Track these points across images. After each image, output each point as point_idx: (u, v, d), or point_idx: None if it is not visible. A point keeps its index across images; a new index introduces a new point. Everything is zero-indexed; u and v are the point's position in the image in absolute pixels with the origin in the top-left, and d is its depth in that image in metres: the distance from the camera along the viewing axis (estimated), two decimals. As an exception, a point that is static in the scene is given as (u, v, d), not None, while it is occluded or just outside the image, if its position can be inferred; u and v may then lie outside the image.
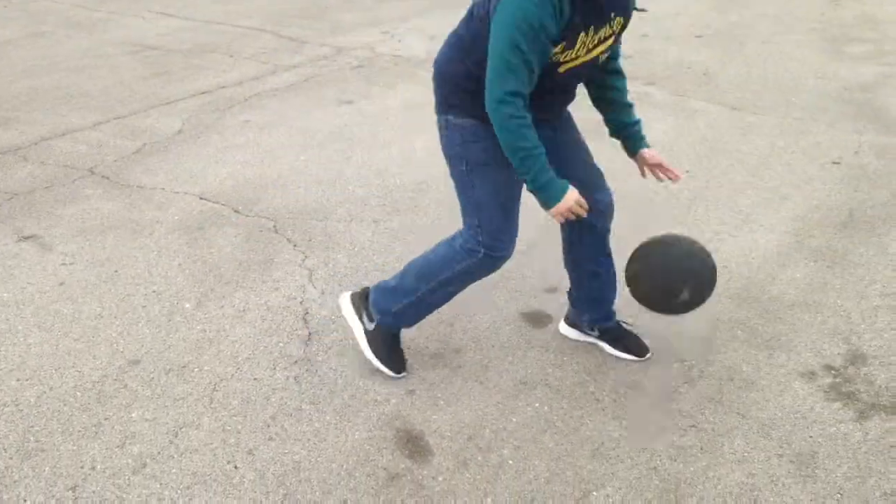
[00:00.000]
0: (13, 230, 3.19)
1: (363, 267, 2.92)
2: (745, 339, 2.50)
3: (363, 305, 2.32)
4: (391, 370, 2.31)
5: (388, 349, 2.31)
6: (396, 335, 2.33)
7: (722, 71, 5.30)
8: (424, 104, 4.71)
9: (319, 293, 2.75)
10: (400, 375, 2.31)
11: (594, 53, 1.90)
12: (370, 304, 2.30)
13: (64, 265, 2.94)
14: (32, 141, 4.13)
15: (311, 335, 2.52)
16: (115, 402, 2.22)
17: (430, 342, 2.48)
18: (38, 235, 3.16)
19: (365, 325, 2.31)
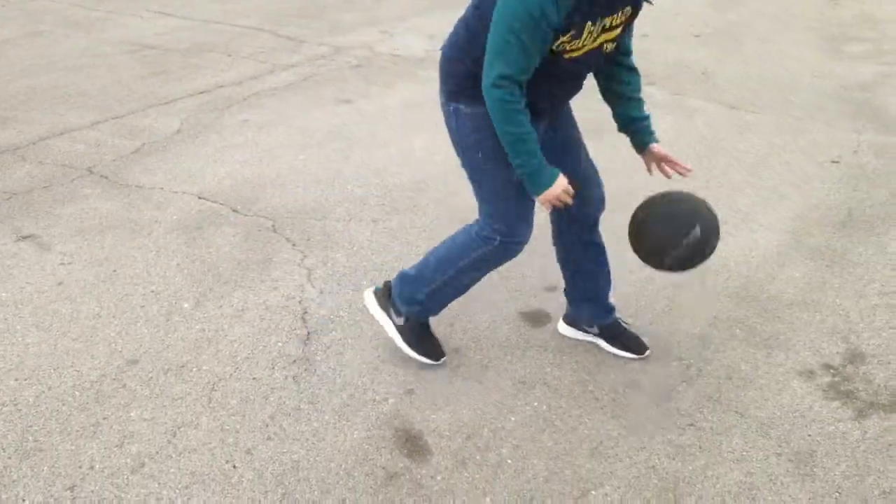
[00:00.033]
0: (11, 230, 3.19)
1: (362, 266, 2.92)
2: (743, 337, 2.50)
3: (388, 302, 2.35)
4: (429, 358, 2.34)
5: (421, 339, 2.35)
6: (426, 324, 2.36)
7: (720, 70, 5.31)
8: (423, 103, 4.75)
9: (318, 292, 2.75)
10: (439, 362, 2.34)
11: (599, 41, 1.90)
12: (395, 297, 2.32)
13: (62, 265, 2.93)
14: (30, 140, 4.12)
15: (309, 335, 2.52)
16: (113, 401, 2.22)
17: (428, 341, 2.48)
18: (36, 235, 3.15)
19: (394, 320, 2.34)
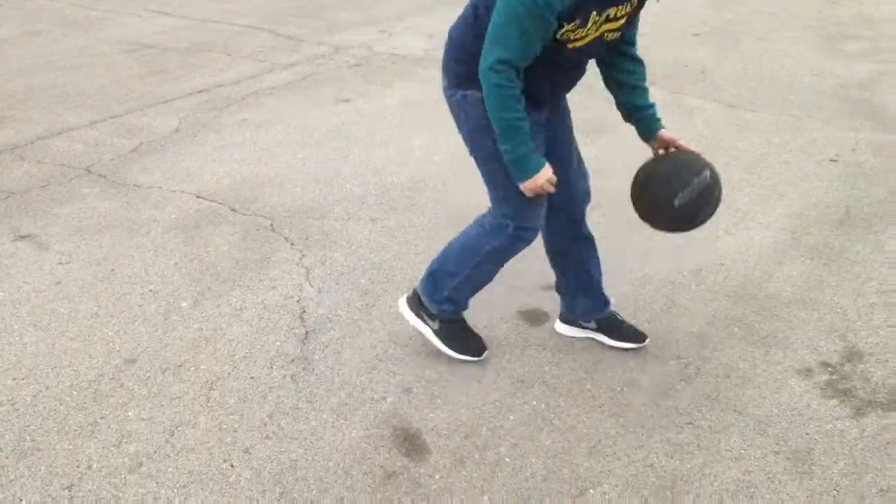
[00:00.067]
0: (9, 229, 3.19)
1: (360, 265, 2.92)
2: (741, 336, 2.50)
3: (420, 307, 2.37)
4: (473, 356, 2.35)
5: (459, 338, 2.36)
6: (460, 320, 2.37)
7: (719, 68, 5.30)
8: (422, 102, 4.75)
9: (316, 291, 2.75)
10: (482, 357, 2.35)
11: (603, 30, 1.90)
12: (424, 300, 2.34)
13: (60, 264, 2.93)
14: (29, 140, 4.12)
15: (308, 334, 2.52)
16: (111, 401, 2.22)
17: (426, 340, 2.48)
18: (34, 234, 3.15)
19: (430, 325, 2.36)
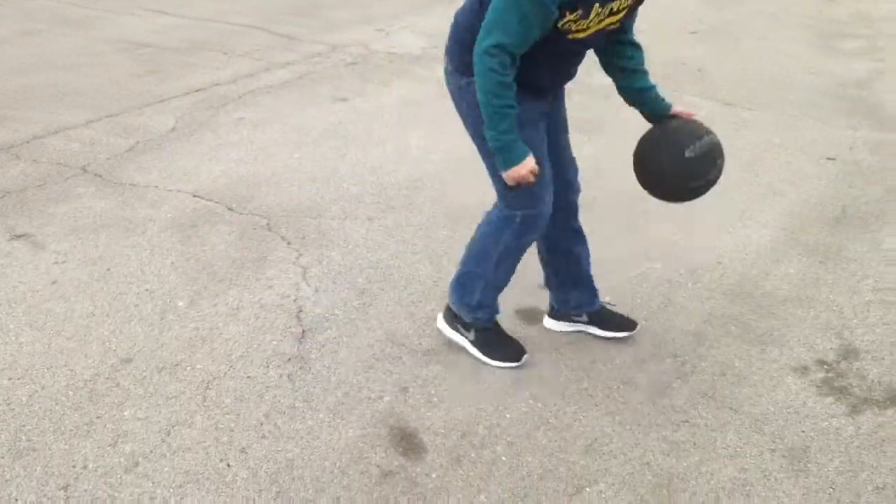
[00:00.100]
0: (5, 229, 3.18)
1: (357, 265, 2.92)
2: (737, 334, 2.50)
3: (455, 320, 2.37)
4: (512, 361, 2.33)
5: (496, 344, 2.35)
6: (496, 327, 2.37)
7: (716, 67, 5.31)
8: (420, 101, 4.75)
9: (313, 291, 2.75)
10: (521, 362, 2.33)
11: (605, 23, 1.90)
12: (455, 310, 2.35)
13: (56, 264, 2.93)
14: (25, 139, 4.11)
15: (304, 333, 2.52)
16: (107, 400, 2.22)
17: (423, 339, 2.48)
18: (30, 234, 3.14)
19: (467, 336, 2.36)
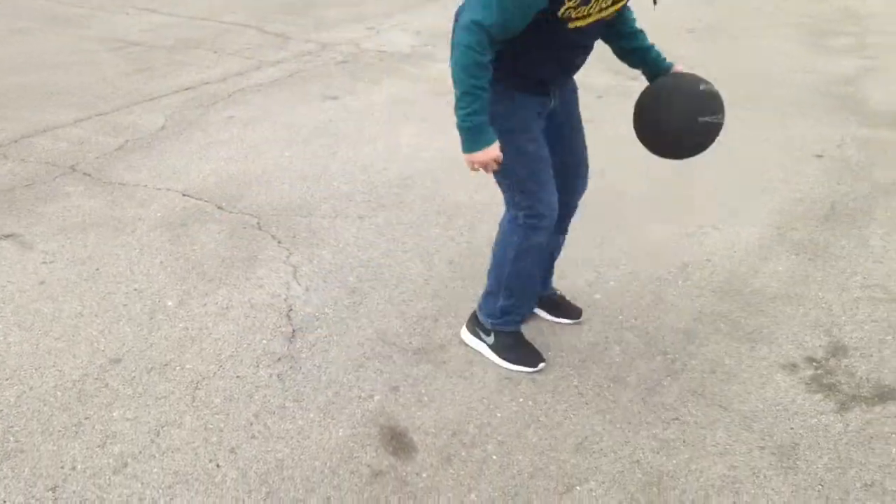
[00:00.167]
0: (-7, 229, 3.16)
1: (348, 263, 2.91)
2: (727, 331, 2.51)
3: (477, 325, 2.38)
4: (528, 366, 2.32)
5: (514, 349, 2.35)
6: (516, 333, 2.36)
7: (712, 65, 5.32)
8: (410, 99, 4.74)
9: (304, 290, 2.74)
10: (537, 368, 2.32)
11: (608, 12, 1.89)
12: (480, 318, 2.36)
13: (44, 263, 2.91)
14: (13, 138, 4.09)
15: (294, 332, 2.51)
16: (95, 401, 2.21)
17: (413, 338, 2.48)
18: (18, 234, 3.12)
19: (486, 340, 2.37)
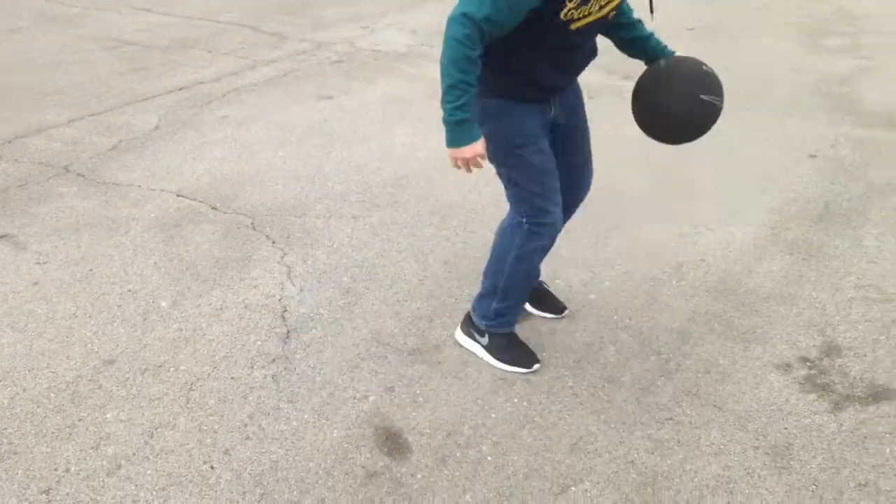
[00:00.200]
0: (-14, 229, 3.15)
1: (342, 263, 2.91)
2: (721, 331, 2.51)
3: (471, 326, 2.38)
4: (523, 367, 2.32)
5: (507, 350, 2.35)
6: (510, 334, 2.36)
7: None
8: (405, 98, 4.74)
9: (298, 290, 2.73)
10: (532, 369, 2.32)
11: (606, 10, 1.90)
12: (474, 319, 2.36)
13: (38, 264, 2.90)
14: (6, 139, 4.07)
15: (289, 333, 2.51)
16: (89, 402, 2.20)
17: (408, 338, 2.48)
18: (11, 234, 3.11)
19: (480, 341, 2.37)
